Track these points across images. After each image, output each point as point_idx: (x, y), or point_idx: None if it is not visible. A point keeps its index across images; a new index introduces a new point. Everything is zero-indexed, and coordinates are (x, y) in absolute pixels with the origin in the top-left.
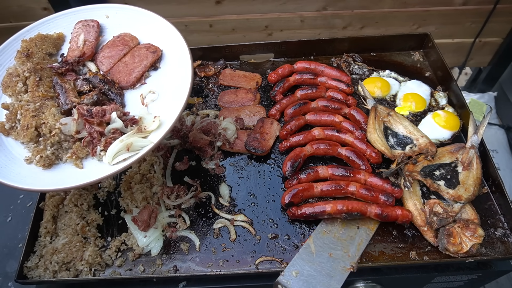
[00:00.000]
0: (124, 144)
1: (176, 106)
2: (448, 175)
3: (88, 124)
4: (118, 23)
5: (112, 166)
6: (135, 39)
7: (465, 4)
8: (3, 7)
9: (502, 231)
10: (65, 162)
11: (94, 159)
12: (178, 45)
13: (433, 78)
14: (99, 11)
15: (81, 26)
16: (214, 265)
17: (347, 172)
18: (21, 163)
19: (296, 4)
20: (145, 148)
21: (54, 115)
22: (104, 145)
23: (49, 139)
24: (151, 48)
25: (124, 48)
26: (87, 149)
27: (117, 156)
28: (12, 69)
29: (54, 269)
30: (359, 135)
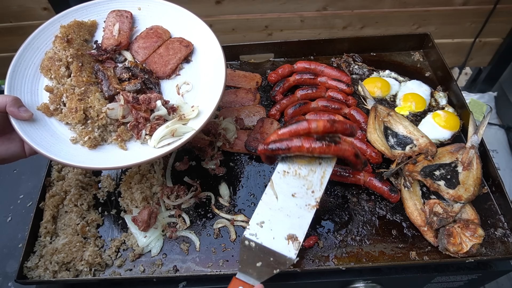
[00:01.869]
0: (170, 129)
1: (213, 97)
2: (448, 175)
3: (135, 110)
4: (149, 15)
5: (157, 149)
6: (168, 32)
7: (465, 4)
8: (3, 7)
9: (502, 231)
10: (109, 143)
11: (137, 142)
12: (209, 40)
13: (433, 78)
14: (132, 3)
15: (115, 15)
16: (214, 265)
17: (347, 172)
18: (67, 143)
19: (296, 4)
20: (188, 134)
21: (99, 99)
22: (149, 130)
23: (97, 122)
24: (184, 42)
25: (158, 40)
26: (131, 132)
27: (162, 140)
28: (52, 53)
29: (54, 269)
30: (359, 135)
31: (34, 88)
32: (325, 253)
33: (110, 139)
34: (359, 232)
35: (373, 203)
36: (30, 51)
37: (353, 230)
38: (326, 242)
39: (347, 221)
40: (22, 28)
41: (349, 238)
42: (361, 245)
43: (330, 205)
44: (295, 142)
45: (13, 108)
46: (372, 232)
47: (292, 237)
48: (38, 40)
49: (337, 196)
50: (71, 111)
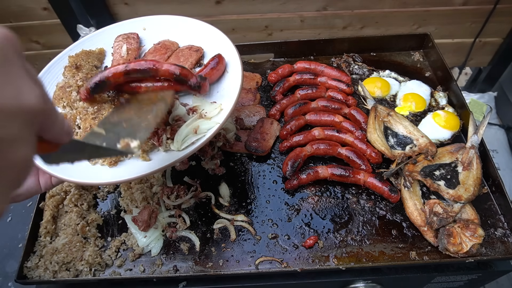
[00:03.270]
0: (191, 127)
1: (232, 93)
2: (448, 175)
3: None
4: (155, 32)
5: (182, 152)
6: (175, 44)
7: (465, 4)
8: (3, 7)
9: (502, 231)
10: (130, 158)
11: (160, 150)
12: (219, 40)
13: (433, 78)
14: (136, 24)
15: (121, 39)
16: (214, 265)
17: (347, 172)
18: (86, 165)
19: (296, 4)
20: (212, 129)
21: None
22: (170, 133)
23: None
24: (193, 48)
25: (167, 52)
26: (151, 141)
27: (186, 141)
28: (62, 83)
29: (54, 269)
30: (359, 135)
31: None
32: (325, 253)
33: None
34: (359, 232)
35: (373, 203)
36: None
37: (353, 230)
38: (326, 242)
39: (347, 221)
40: (22, 28)
41: (349, 238)
42: (361, 245)
43: (330, 205)
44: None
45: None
46: (372, 232)
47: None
48: (48, 75)
49: (337, 196)
50: (86, 130)
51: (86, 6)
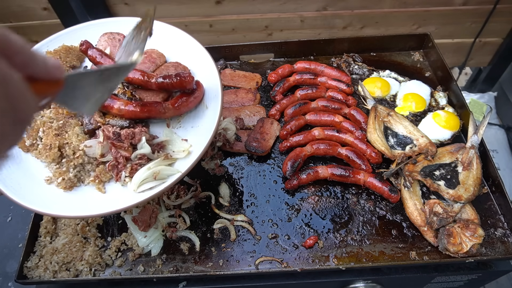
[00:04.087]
0: (151, 172)
1: (205, 132)
2: (448, 175)
3: (114, 148)
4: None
5: (137, 195)
6: (163, 57)
7: (465, 4)
8: (3, 7)
9: (502, 231)
10: (86, 185)
11: (117, 183)
12: (207, 66)
13: (433, 78)
14: (125, 23)
15: (107, 38)
16: (214, 265)
17: (347, 172)
18: (40, 183)
19: (296, 4)
20: (172, 177)
21: (77, 134)
22: (130, 172)
23: (72, 160)
24: (180, 67)
25: (151, 66)
26: (110, 173)
27: (143, 184)
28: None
29: (54, 269)
30: (359, 135)
31: None
32: (325, 253)
33: (87, 180)
34: (359, 232)
35: (373, 203)
36: None
37: (353, 230)
38: (326, 242)
39: (347, 221)
40: (22, 28)
41: (349, 238)
42: (361, 245)
43: (330, 205)
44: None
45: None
46: (372, 232)
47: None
48: None
49: (337, 196)
50: (46, 148)
51: (86, 6)
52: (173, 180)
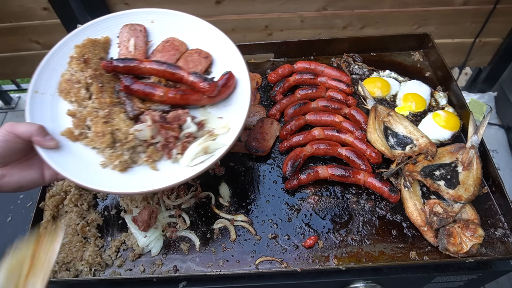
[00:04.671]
0: (201, 147)
1: (240, 109)
2: (448, 175)
3: (164, 129)
4: (163, 27)
5: (191, 168)
6: (184, 44)
7: (465, 4)
8: (3, 7)
9: (502, 231)
10: (140, 165)
11: (167, 161)
12: (228, 49)
13: (433, 78)
14: (144, 15)
15: (128, 30)
16: (214, 265)
17: (347, 172)
18: (96, 168)
19: (296, 4)
20: (220, 150)
21: (124, 121)
22: (181, 149)
23: (125, 144)
24: (202, 53)
25: (176, 53)
26: (161, 152)
27: (195, 159)
28: (68, 75)
29: (54, 269)
30: (359, 135)
31: (54, 113)
32: (325, 253)
33: (140, 161)
34: (359, 232)
35: (373, 203)
36: (45, 75)
37: (353, 230)
38: (326, 242)
39: (347, 221)
40: (22, 28)
41: (349, 238)
42: (361, 245)
43: (330, 205)
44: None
45: (39, 138)
46: (372, 232)
47: None
48: (52, 62)
49: (337, 196)
50: (98, 135)
51: (86, 6)
52: (221, 153)
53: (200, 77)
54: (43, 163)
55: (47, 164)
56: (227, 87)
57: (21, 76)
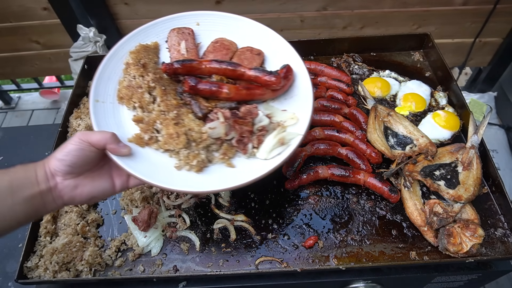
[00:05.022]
0: (278, 138)
1: (304, 99)
2: (448, 175)
3: (238, 125)
4: (209, 29)
5: (269, 161)
6: (234, 44)
7: (465, 4)
8: (3, 7)
9: (502, 231)
10: (214, 164)
11: (241, 157)
12: (278, 44)
13: (433, 78)
14: (189, 18)
15: (176, 34)
16: (214, 265)
17: (347, 172)
18: (172, 170)
19: (296, 4)
20: (296, 140)
21: (194, 120)
22: (257, 143)
23: (200, 143)
24: (254, 50)
25: (228, 52)
26: (235, 148)
27: (272, 151)
28: (127, 81)
29: (54, 269)
30: (359, 135)
31: (117, 120)
32: (325, 253)
33: (215, 159)
34: (359, 232)
35: (373, 203)
36: (102, 83)
37: (353, 230)
38: (326, 242)
39: (347, 221)
40: (22, 28)
41: (349, 238)
42: (361, 245)
43: (330, 205)
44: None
45: (113, 145)
46: (372, 232)
47: None
48: (107, 70)
49: (337, 196)
50: (172, 137)
51: (86, 6)
52: (297, 143)
53: (263, 71)
54: (113, 172)
55: (116, 172)
56: (288, 79)
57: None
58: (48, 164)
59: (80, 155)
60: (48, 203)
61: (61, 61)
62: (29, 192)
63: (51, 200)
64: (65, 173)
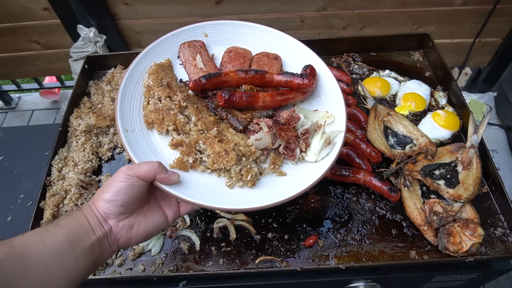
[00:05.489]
0: (324, 138)
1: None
2: (448, 175)
3: (283, 132)
4: (218, 39)
5: (320, 163)
6: (248, 51)
7: (465, 4)
8: (3, 7)
9: (502, 230)
10: (265, 175)
11: (288, 164)
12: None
13: (433, 78)
14: (197, 30)
15: (187, 47)
16: (214, 264)
17: (347, 172)
18: (223, 190)
19: (296, 4)
20: (340, 137)
21: (237, 135)
22: (305, 146)
23: (250, 157)
24: (270, 55)
25: (245, 60)
26: (282, 156)
27: (320, 152)
28: (152, 105)
29: None
30: (359, 135)
31: (151, 147)
32: (325, 252)
33: (265, 171)
34: (359, 231)
35: (373, 203)
36: (126, 111)
37: (353, 229)
38: (326, 242)
39: (347, 220)
40: (22, 28)
41: (349, 237)
42: (361, 244)
43: (330, 204)
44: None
45: (163, 175)
46: (372, 231)
47: None
48: (126, 96)
49: (337, 195)
50: (221, 155)
51: (86, 6)
52: (342, 139)
53: (293, 74)
54: (161, 203)
55: (165, 203)
56: (315, 79)
57: (21, 76)
58: (97, 207)
59: (130, 192)
60: (105, 250)
61: (61, 61)
62: (88, 243)
63: (107, 247)
64: (118, 214)
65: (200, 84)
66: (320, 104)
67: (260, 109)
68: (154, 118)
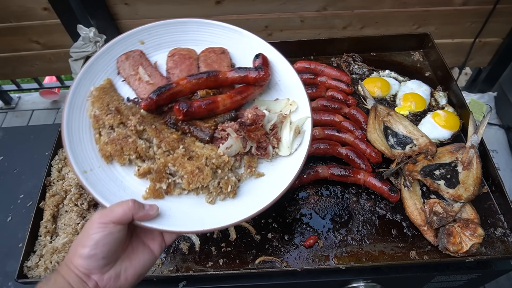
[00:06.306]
0: (293, 129)
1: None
2: (448, 175)
3: (252, 133)
4: (156, 43)
5: (294, 155)
6: (192, 50)
7: (465, 4)
8: (3, 7)
9: (502, 230)
10: (243, 181)
11: (264, 164)
12: (233, 35)
13: (433, 78)
14: (131, 39)
15: (125, 60)
16: (214, 264)
17: (347, 172)
18: (206, 207)
19: (296, 4)
20: (308, 124)
21: (204, 147)
22: (277, 142)
23: (225, 167)
24: (216, 50)
25: (191, 62)
26: (256, 157)
27: (293, 144)
28: (105, 135)
29: (54, 269)
30: (359, 135)
31: (117, 183)
32: (325, 252)
33: (243, 177)
34: (359, 231)
35: (373, 203)
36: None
37: (353, 229)
38: (326, 242)
39: (347, 220)
40: (22, 28)
41: (349, 237)
42: (361, 244)
43: (330, 204)
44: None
45: (141, 213)
46: (372, 231)
47: None
48: (73, 131)
49: (337, 195)
50: (194, 174)
51: (86, 6)
52: (310, 126)
53: (246, 69)
54: (144, 239)
55: (147, 237)
56: (269, 68)
57: (21, 76)
58: (75, 266)
59: (110, 241)
60: None
61: (61, 61)
62: None
63: None
64: (101, 268)
65: (152, 101)
66: (280, 92)
67: (221, 113)
68: (112, 150)
